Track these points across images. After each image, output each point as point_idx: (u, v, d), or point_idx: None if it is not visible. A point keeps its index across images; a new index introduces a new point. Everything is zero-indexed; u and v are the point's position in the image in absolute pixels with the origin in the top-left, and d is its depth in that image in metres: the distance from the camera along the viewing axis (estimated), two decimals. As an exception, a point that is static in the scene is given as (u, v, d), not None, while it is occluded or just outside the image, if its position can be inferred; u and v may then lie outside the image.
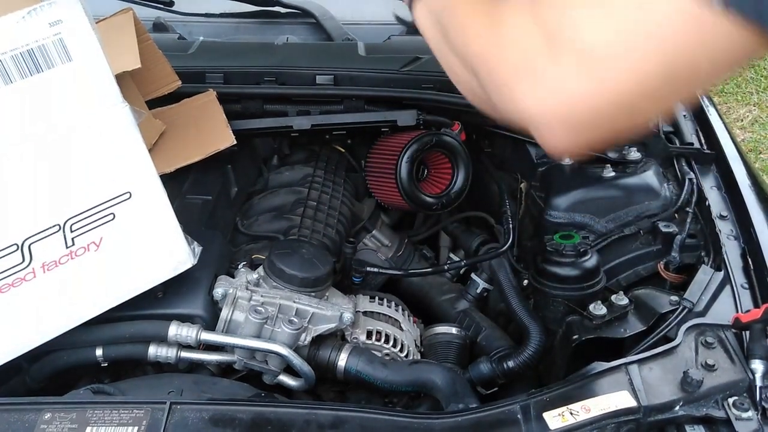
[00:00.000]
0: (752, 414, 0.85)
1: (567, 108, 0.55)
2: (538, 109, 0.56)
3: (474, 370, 1.20)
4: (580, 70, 0.53)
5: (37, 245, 0.94)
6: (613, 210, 1.33)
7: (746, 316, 0.94)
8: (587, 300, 1.16)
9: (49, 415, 0.84)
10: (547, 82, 0.55)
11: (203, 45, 1.67)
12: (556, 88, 0.55)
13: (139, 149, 0.99)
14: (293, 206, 1.43)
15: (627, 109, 0.54)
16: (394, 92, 1.51)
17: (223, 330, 1.06)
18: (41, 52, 0.90)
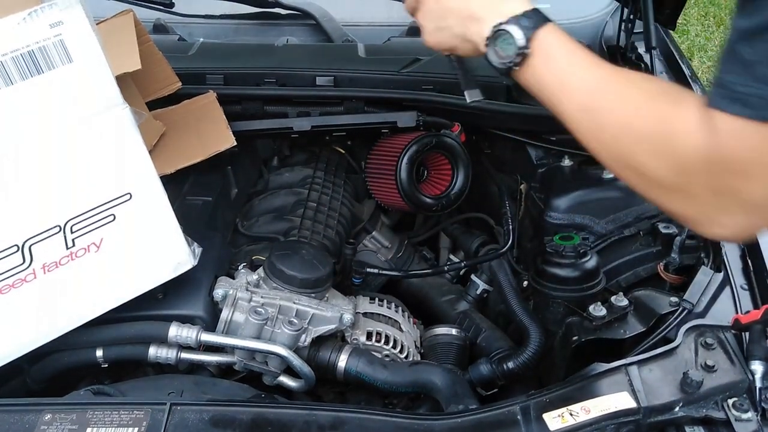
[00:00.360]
0: (752, 415, 0.85)
1: (743, 234, 0.72)
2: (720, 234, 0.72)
3: (474, 371, 1.21)
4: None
5: (38, 246, 0.94)
6: (613, 211, 1.33)
7: (746, 318, 0.94)
8: (587, 301, 1.17)
9: (49, 416, 0.84)
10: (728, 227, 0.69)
11: (203, 46, 1.67)
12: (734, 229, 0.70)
13: (140, 150, 0.99)
14: (293, 207, 1.44)
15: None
16: (394, 93, 1.51)
17: (223, 331, 1.06)
18: (42, 53, 0.91)
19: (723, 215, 0.68)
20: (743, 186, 0.65)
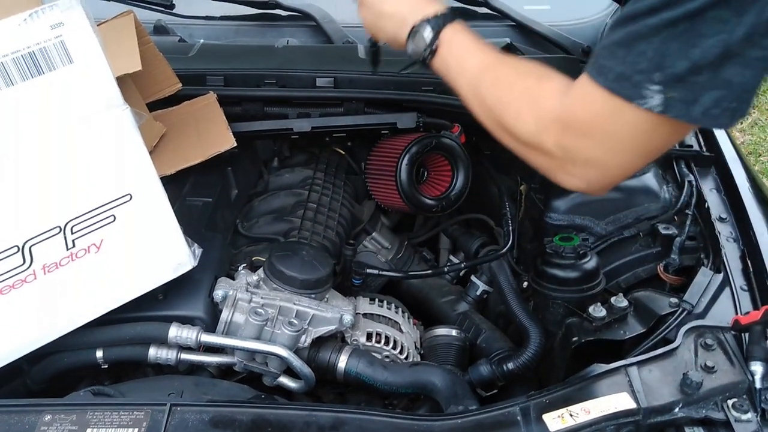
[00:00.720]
0: (751, 416, 0.85)
1: (591, 188, 0.84)
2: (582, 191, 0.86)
3: (474, 372, 1.21)
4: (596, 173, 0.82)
5: (38, 247, 0.94)
6: (613, 212, 1.34)
7: (746, 318, 0.94)
8: (587, 302, 1.17)
9: (49, 416, 0.85)
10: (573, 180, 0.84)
11: (204, 48, 1.67)
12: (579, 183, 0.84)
13: (140, 151, 0.99)
14: (293, 208, 1.44)
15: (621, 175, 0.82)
16: (393, 95, 1.51)
17: (223, 332, 1.06)
18: (42, 54, 0.91)
19: (570, 168, 0.82)
20: (584, 144, 0.78)
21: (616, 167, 0.80)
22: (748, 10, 0.64)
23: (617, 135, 0.76)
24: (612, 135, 0.76)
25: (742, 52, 0.66)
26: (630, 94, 0.72)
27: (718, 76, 0.68)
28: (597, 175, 0.81)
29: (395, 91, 1.51)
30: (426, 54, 0.94)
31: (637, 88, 0.71)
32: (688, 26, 0.67)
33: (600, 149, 0.78)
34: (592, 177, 0.82)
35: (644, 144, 0.77)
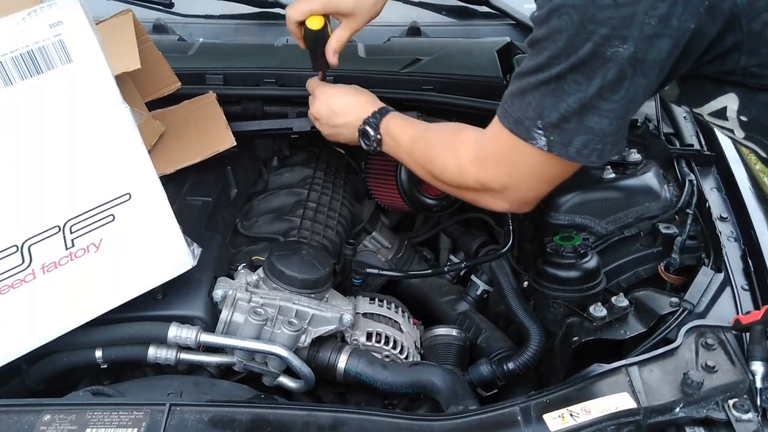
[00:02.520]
0: (752, 416, 0.85)
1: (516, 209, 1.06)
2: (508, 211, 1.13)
3: (474, 372, 1.20)
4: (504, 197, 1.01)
5: (37, 246, 0.94)
6: (614, 212, 1.33)
7: (747, 318, 0.94)
8: (587, 302, 1.16)
9: (48, 416, 0.84)
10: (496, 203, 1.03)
11: (203, 46, 1.67)
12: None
13: (139, 150, 0.99)
14: (293, 208, 1.43)
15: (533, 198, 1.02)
16: (394, 93, 1.51)
17: (223, 331, 1.06)
18: (41, 53, 0.90)
19: (491, 196, 1.01)
20: (497, 174, 0.97)
21: (527, 190, 0.99)
22: (595, 74, 0.80)
23: (521, 166, 0.94)
24: (517, 166, 0.94)
25: (596, 105, 0.83)
26: (524, 136, 0.89)
27: (582, 124, 0.85)
28: (514, 198, 1.00)
29: (395, 90, 1.50)
30: (375, 145, 1.18)
31: (528, 131, 0.88)
32: (555, 86, 0.84)
33: (510, 178, 0.97)
34: (511, 199, 1.00)
35: (543, 173, 0.95)
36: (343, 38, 1.24)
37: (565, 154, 0.87)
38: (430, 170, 1.09)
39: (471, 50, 1.66)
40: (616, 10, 0.77)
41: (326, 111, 1.26)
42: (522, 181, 0.96)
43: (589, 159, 0.88)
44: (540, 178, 0.96)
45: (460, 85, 1.51)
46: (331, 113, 1.25)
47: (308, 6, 1.20)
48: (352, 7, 1.20)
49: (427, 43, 1.76)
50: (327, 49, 1.25)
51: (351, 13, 1.20)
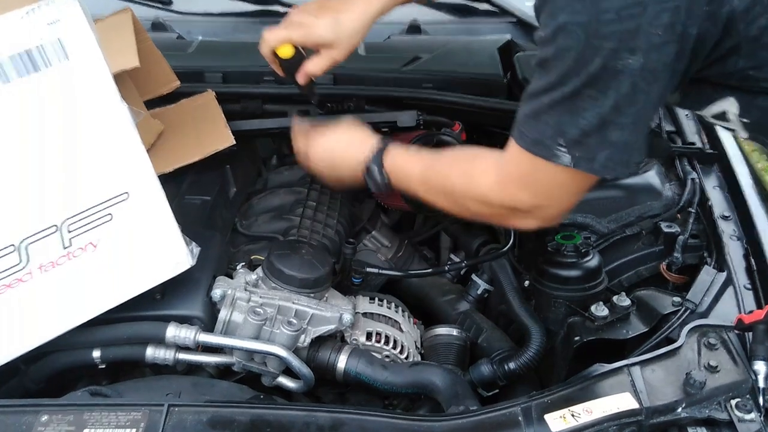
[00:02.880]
0: (755, 416, 0.84)
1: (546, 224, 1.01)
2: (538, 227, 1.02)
3: (475, 372, 1.20)
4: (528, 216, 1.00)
5: (35, 246, 0.94)
6: (615, 210, 1.33)
7: (749, 317, 0.93)
8: (589, 301, 1.16)
9: (46, 417, 0.84)
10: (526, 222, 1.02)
11: (202, 44, 1.66)
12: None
13: (137, 149, 0.99)
14: (293, 206, 1.43)
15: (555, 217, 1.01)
16: (394, 92, 1.51)
17: (222, 331, 1.05)
18: (39, 51, 0.90)
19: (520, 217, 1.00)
20: (523, 196, 0.96)
21: (556, 206, 0.99)
22: (609, 88, 0.82)
23: (546, 185, 0.94)
24: (542, 185, 0.95)
25: (614, 119, 0.84)
26: (546, 155, 0.89)
27: (604, 139, 0.85)
28: (543, 215, 0.99)
29: (396, 88, 1.50)
30: (383, 185, 1.15)
31: (549, 149, 0.88)
32: (571, 103, 0.84)
33: (536, 198, 0.97)
34: (541, 217, 1.00)
35: (570, 188, 0.95)
36: (322, 67, 1.22)
37: (591, 169, 0.88)
38: (451, 201, 1.07)
39: (471, 48, 1.66)
40: (620, 23, 0.78)
41: (325, 161, 1.23)
42: (550, 199, 0.97)
43: (615, 172, 0.89)
44: (568, 193, 0.96)
45: (460, 83, 1.50)
46: (331, 164, 1.22)
47: (285, 34, 1.20)
48: (332, 39, 1.19)
49: (427, 41, 1.76)
50: (298, 74, 1.23)
51: (330, 44, 1.19)
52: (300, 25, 1.20)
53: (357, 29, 1.20)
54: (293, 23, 1.21)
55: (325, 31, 1.18)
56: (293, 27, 1.20)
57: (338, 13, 1.19)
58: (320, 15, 1.19)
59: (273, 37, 1.21)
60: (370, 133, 1.20)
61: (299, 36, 1.20)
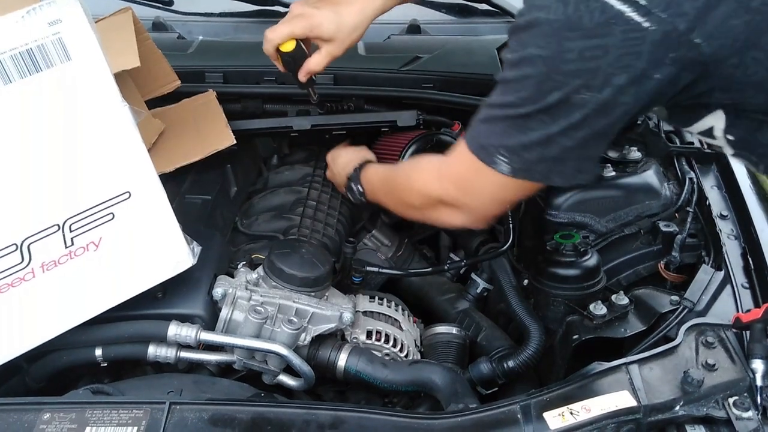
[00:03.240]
0: (753, 414, 0.85)
1: (473, 224, 1.08)
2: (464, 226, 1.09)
3: (474, 370, 1.20)
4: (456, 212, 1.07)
5: (37, 245, 0.94)
6: (614, 210, 1.33)
7: (747, 316, 0.94)
8: (587, 300, 1.16)
9: (48, 415, 0.84)
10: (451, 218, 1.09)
11: (203, 44, 1.67)
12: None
13: (139, 149, 0.99)
14: (293, 206, 1.43)
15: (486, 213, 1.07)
16: (394, 91, 1.51)
17: (223, 330, 1.06)
18: (40, 51, 0.90)
19: (448, 212, 1.07)
20: (456, 194, 1.03)
21: (484, 210, 1.05)
22: (560, 116, 0.86)
23: (479, 188, 1.00)
24: (476, 187, 1.00)
25: (558, 140, 0.88)
26: (487, 161, 0.94)
27: (544, 155, 0.90)
28: (470, 215, 1.05)
29: (395, 88, 1.50)
30: (360, 197, 1.32)
31: (491, 156, 0.94)
32: (522, 122, 0.89)
33: (467, 197, 1.03)
34: (466, 215, 1.06)
35: (500, 195, 1.01)
36: (322, 63, 1.26)
37: (530, 178, 0.94)
38: (398, 197, 1.17)
39: (471, 48, 1.66)
40: (582, 63, 0.81)
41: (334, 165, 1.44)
42: (479, 201, 1.03)
43: (553, 180, 0.94)
44: (496, 200, 1.03)
45: (460, 83, 1.51)
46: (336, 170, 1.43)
47: (289, 29, 1.23)
48: (333, 32, 1.22)
49: (427, 41, 1.76)
50: (300, 71, 1.26)
51: (331, 38, 1.23)
52: (301, 16, 1.22)
53: (357, 24, 1.23)
54: (295, 16, 1.23)
55: (326, 20, 1.21)
56: (295, 20, 1.23)
57: (339, 6, 1.22)
58: (321, 7, 1.22)
59: (276, 35, 1.23)
60: (363, 155, 1.38)
61: (301, 28, 1.22)
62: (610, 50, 0.80)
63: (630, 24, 0.78)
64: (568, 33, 0.81)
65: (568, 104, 0.84)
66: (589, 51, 0.81)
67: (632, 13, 0.78)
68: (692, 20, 0.78)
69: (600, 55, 0.80)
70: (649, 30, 0.78)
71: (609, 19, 0.79)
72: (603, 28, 0.79)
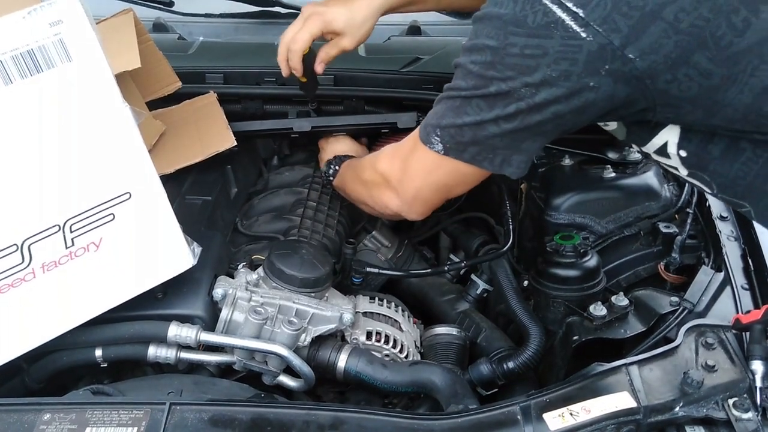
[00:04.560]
0: (752, 415, 0.85)
1: (405, 210, 1.15)
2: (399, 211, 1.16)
3: (474, 371, 1.20)
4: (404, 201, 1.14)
5: (37, 245, 0.94)
6: (614, 211, 1.33)
7: (746, 317, 0.94)
8: (587, 301, 1.16)
9: (48, 415, 0.84)
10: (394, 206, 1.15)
11: (203, 45, 1.67)
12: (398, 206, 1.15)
13: (139, 149, 0.99)
14: (293, 207, 1.43)
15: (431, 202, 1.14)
16: (394, 93, 1.51)
17: (223, 330, 1.06)
18: (41, 52, 0.90)
19: (387, 191, 1.14)
20: (396, 167, 1.10)
21: (417, 190, 1.09)
22: (496, 105, 0.91)
23: (416, 167, 1.06)
24: (414, 165, 1.06)
25: (489, 127, 0.92)
26: (425, 140, 1.01)
27: (476, 137, 0.95)
28: (406, 196, 1.11)
29: (395, 89, 1.51)
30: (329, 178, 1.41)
31: (428, 135, 1.00)
32: (460, 104, 0.95)
33: (406, 175, 1.08)
34: (402, 197, 1.11)
35: (433, 176, 1.05)
36: (332, 53, 1.31)
37: (460, 158, 0.98)
38: (357, 174, 1.25)
39: (471, 49, 1.66)
40: (523, 59, 0.86)
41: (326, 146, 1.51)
42: (413, 177, 1.07)
43: (481, 164, 0.98)
44: (430, 179, 1.06)
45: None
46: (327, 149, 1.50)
47: (308, 33, 1.28)
48: (344, 26, 1.28)
49: (427, 42, 1.77)
50: (316, 63, 1.32)
51: (343, 31, 1.28)
52: (314, 14, 1.28)
53: (367, 17, 1.29)
54: (307, 16, 1.28)
55: (339, 15, 1.27)
56: (309, 21, 1.28)
57: (348, 2, 1.28)
58: (331, 4, 1.29)
59: (299, 44, 1.28)
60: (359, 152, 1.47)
61: (317, 27, 1.27)
62: (549, 52, 0.84)
63: (569, 32, 0.83)
64: (514, 28, 0.86)
65: (506, 96, 0.89)
66: (529, 49, 0.85)
67: (571, 22, 0.82)
68: (626, 36, 0.81)
69: (539, 54, 0.84)
70: (587, 40, 0.82)
71: (550, 23, 0.83)
72: (544, 30, 0.84)
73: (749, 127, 0.87)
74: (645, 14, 0.81)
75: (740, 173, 0.91)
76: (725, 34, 0.81)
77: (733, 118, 0.86)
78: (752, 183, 0.91)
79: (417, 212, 1.13)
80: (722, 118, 0.87)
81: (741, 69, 0.82)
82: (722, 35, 0.81)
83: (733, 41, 0.81)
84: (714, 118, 0.87)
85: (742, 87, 0.83)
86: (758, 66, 0.82)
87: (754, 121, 0.86)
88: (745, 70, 0.82)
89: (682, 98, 0.86)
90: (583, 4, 0.82)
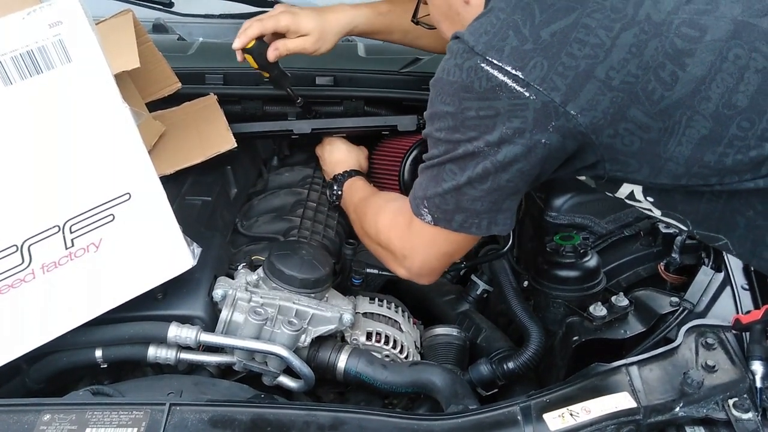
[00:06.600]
0: (752, 415, 0.85)
1: (415, 279, 1.13)
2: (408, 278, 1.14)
3: (474, 372, 1.20)
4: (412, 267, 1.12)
5: (37, 246, 0.94)
6: (613, 211, 1.33)
7: (746, 317, 0.94)
8: (587, 301, 1.16)
9: (48, 416, 0.84)
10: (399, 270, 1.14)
11: (203, 46, 1.67)
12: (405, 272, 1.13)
13: (139, 150, 0.99)
14: (293, 207, 1.43)
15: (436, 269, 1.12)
16: (393, 93, 1.51)
17: (223, 331, 1.06)
18: (41, 53, 0.90)
19: (394, 260, 1.13)
20: (399, 244, 1.10)
21: (422, 261, 1.09)
22: (467, 167, 0.93)
23: (415, 238, 1.06)
24: (412, 237, 1.07)
25: (467, 191, 0.94)
26: (416, 212, 1.02)
27: (459, 204, 0.96)
28: (410, 267, 1.10)
29: (395, 90, 1.51)
30: (334, 199, 1.41)
31: (418, 207, 1.02)
32: (436, 172, 0.97)
33: (404, 248, 1.09)
34: (407, 267, 1.11)
35: (433, 246, 1.05)
36: (290, 46, 1.32)
37: (450, 227, 0.99)
38: (361, 225, 1.25)
39: (471, 50, 1.66)
40: (480, 120, 0.89)
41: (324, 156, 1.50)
42: (416, 252, 1.08)
43: (470, 231, 0.99)
44: (431, 251, 1.07)
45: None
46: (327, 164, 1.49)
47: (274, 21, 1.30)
48: (312, 28, 1.31)
49: (427, 43, 1.76)
50: (269, 50, 1.31)
51: (309, 32, 1.31)
52: (286, 12, 1.31)
53: (335, 30, 1.33)
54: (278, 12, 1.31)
55: (311, 18, 1.31)
56: (279, 15, 1.30)
57: (320, 10, 1.33)
58: (304, 8, 1.33)
59: (250, 31, 1.29)
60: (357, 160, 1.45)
61: (283, 22, 1.30)
62: (500, 111, 0.87)
63: (513, 92, 0.86)
64: (465, 94, 0.89)
65: (474, 156, 0.91)
66: (483, 110, 0.88)
67: (513, 83, 0.85)
68: (564, 94, 0.84)
69: (493, 114, 0.88)
70: (531, 99, 0.85)
71: (495, 87, 0.86)
72: (491, 93, 0.87)
73: (695, 181, 0.89)
74: (579, 74, 0.84)
75: (708, 210, 0.93)
76: (656, 89, 0.84)
77: (678, 174, 0.88)
78: (721, 217, 0.93)
79: (427, 280, 1.13)
80: (668, 174, 0.89)
81: (676, 121, 0.85)
82: (653, 90, 0.84)
83: (664, 95, 0.84)
84: (660, 175, 0.89)
85: (680, 138, 0.86)
86: (692, 117, 0.85)
87: (698, 173, 0.88)
88: (680, 121, 0.85)
89: (627, 153, 0.88)
90: (521, 67, 0.85)
